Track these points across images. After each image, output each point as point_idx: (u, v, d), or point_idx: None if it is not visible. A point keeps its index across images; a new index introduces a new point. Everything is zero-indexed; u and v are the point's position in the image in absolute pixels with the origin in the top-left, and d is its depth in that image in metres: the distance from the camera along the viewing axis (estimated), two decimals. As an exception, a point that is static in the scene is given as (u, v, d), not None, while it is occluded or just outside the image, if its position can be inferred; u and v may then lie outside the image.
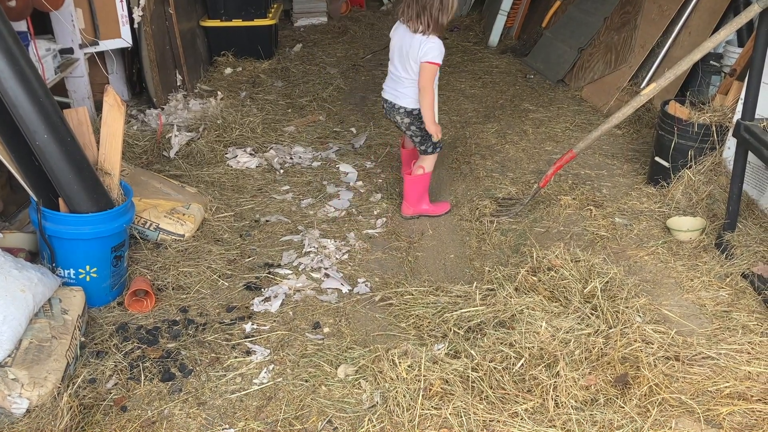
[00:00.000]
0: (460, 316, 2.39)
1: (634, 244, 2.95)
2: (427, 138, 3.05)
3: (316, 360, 2.22)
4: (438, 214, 3.24)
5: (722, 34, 2.65)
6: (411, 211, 3.22)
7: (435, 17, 2.80)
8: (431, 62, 2.83)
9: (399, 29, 2.93)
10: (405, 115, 3.02)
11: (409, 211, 3.22)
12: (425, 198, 3.22)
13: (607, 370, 2.12)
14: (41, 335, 2.08)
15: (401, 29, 2.91)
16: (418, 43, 2.82)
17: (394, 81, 2.99)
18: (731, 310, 2.49)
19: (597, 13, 4.99)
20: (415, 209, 3.21)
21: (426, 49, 2.82)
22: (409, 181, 3.15)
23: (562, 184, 3.42)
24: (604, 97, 4.53)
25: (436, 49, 2.84)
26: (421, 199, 3.21)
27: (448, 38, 6.21)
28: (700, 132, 3.14)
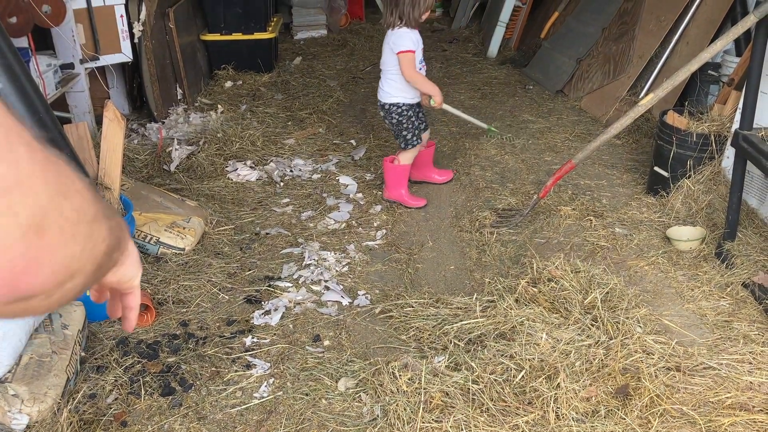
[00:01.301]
0: (461, 328, 2.38)
1: (635, 254, 2.95)
2: (400, 133, 3.33)
3: (317, 373, 2.22)
4: (410, 206, 3.41)
5: (719, 44, 2.66)
6: (387, 194, 3.46)
7: (407, 12, 3.02)
8: (404, 50, 3.07)
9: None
10: (380, 109, 3.33)
11: (386, 195, 3.46)
12: (401, 187, 3.41)
13: (607, 382, 2.12)
14: (41, 351, 2.08)
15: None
16: (390, 36, 3.11)
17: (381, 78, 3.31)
18: (732, 320, 2.49)
19: (595, 23, 5.02)
20: (390, 194, 3.44)
21: (395, 39, 3.08)
22: (385, 167, 3.42)
23: (561, 194, 3.43)
24: (603, 107, 4.54)
25: (405, 37, 3.07)
26: (397, 186, 3.41)
27: (447, 50, 6.24)
28: (698, 142, 3.15)
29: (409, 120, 3.31)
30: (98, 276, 0.60)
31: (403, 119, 3.30)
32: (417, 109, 3.36)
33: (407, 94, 3.27)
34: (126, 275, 0.77)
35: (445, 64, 5.84)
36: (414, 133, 3.34)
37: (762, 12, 2.47)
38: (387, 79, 3.23)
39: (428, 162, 3.63)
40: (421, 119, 3.39)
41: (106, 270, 0.63)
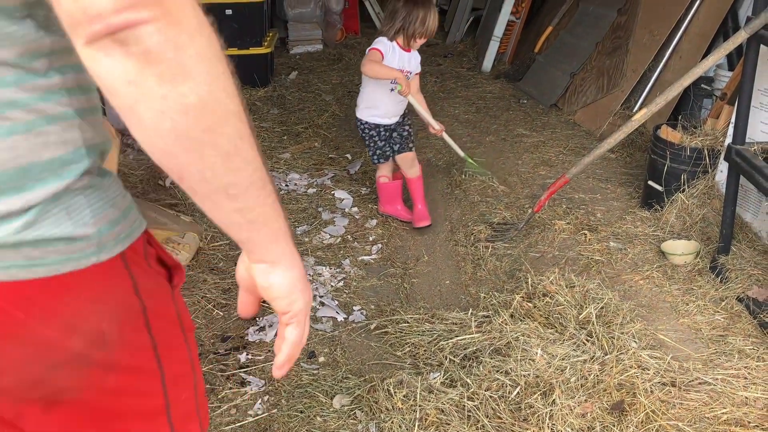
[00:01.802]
0: (456, 344, 2.38)
1: (629, 268, 2.95)
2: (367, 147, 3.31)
3: (311, 390, 2.21)
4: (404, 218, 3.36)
5: (711, 60, 2.68)
6: (381, 209, 3.43)
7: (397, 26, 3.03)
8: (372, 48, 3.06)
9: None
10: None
11: (381, 209, 3.44)
12: (393, 203, 3.37)
13: (603, 397, 2.11)
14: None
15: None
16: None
17: None
18: (727, 335, 2.49)
19: (589, 38, 5.05)
20: (386, 209, 3.41)
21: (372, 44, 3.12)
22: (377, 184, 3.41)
23: (556, 208, 3.43)
24: (597, 121, 4.56)
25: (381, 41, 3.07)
26: (387, 203, 3.39)
27: (442, 64, 6.27)
28: (692, 156, 3.16)
29: (371, 139, 3.25)
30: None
31: (365, 136, 3.27)
32: (386, 132, 3.25)
33: (372, 111, 3.20)
34: (278, 287, 0.77)
35: (440, 79, 5.87)
36: (375, 152, 3.28)
37: (753, 28, 2.50)
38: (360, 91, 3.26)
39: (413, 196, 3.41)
40: (392, 144, 3.26)
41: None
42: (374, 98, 3.16)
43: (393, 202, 3.38)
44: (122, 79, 0.61)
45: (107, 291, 0.75)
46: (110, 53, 0.60)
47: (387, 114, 3.20)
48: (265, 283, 0.78)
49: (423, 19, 2.95)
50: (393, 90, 3.10)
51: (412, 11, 2.94)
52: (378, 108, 3.18)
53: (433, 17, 2.98)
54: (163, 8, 0.60)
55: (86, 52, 0.61)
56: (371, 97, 3.17)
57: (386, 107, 3.18)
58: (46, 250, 0.70)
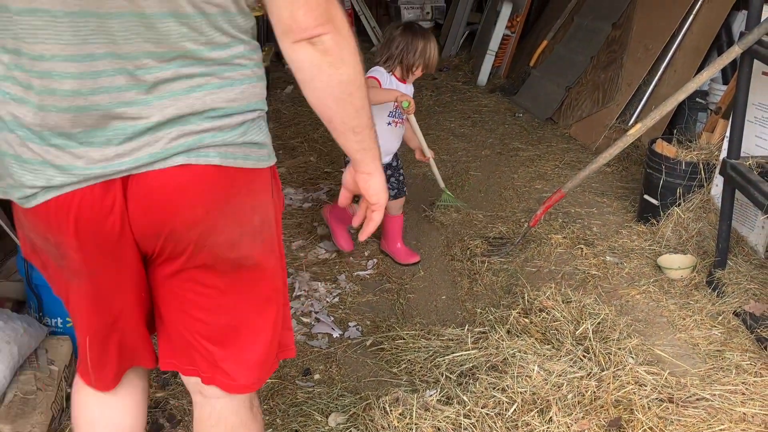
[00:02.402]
0: (452, 361, 2.37)
1: (626, 282, 2.94)
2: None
3: (307, 409, 2.19)
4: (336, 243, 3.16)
5: (705, 75, 2.69)
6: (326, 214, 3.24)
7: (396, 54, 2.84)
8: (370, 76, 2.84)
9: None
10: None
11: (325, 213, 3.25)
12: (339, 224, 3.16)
13: (600, 414, 2.10)
14: (26, 388, 2.05)
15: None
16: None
17: None
18: (724, 350, 2.48)
19: (584, 52, 5.07)
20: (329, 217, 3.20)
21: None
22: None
23: (552, 222, 3.43)
24: (592, 134, 4.57)
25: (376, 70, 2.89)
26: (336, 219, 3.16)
27: (437, 78, 6.29)
28: (687, 170, 3.17)
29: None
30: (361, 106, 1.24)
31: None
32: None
33: None
34: (374, 188, 1.34)
35: (436, 92, 5.88)
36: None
37: (746, 43, 2.50)
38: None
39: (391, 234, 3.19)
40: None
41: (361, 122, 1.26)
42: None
43: (340, 222, 3.13)
44: (309, 63, 1.15)
45: (267, 187, 1.25)
46: (305, 49, 1.14)
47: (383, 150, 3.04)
48: (365, 185, 1.35)
49: (423, 50, 2.80)
50: (390, 124, 2.91)
51: (412, 41, 2.78)
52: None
53: (433, 49, 2.83)
54: (334, 26, 1.13)
55: (291, 46, 1.14)
56: None
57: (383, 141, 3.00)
58: (251, 150, 1.19)
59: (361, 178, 1.34)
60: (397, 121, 2.94)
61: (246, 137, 1.18)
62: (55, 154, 1.10)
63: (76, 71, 1.05)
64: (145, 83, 1.08)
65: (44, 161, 1.10)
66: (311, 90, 1.19)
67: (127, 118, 1.09)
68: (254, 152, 1.20)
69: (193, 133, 1.12)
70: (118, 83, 1.07)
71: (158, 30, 1.07)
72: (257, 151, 1.20)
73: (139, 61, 1.07)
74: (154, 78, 1.08)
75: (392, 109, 2.87)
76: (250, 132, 1.18)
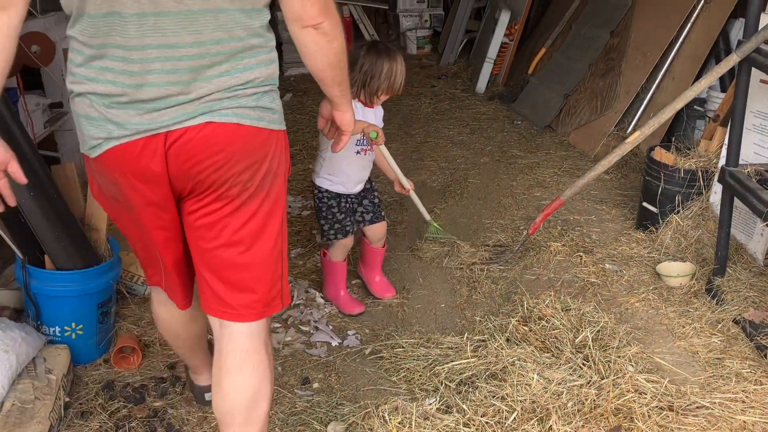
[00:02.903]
0: (452, 369, 2.36)
1: (625, 290, 2.94)
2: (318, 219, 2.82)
3: (305, 417, 2.19)
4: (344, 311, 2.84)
5: (703, 83, 2.69)
6: (326, 292, 2.93)
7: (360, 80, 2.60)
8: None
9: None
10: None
11: (325, 292, 2.93)
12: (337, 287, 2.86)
13: (600, 423, 2.09)
14: (24, 397, 2.04)
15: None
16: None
17: None
18: (724, 357, 2.47)
19: (582, 59, 5.08)
20: (327, 293, 2.91)
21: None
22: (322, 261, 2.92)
23: (551, 230, 3.43)
24: (591, 142, 4.57)
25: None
26: (330, 285, 2.88)
27: (436, 85, 6.30)
28: (686, 177, 3.17)
29: (329, 210, 2.72)
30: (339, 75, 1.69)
31: (322, 206, 2.73)
32: (347, 203, 2.75)
33: (334, 179, 2.70)
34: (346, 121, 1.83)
35: (434, 100, 5.88)
36: (332, 226, 2.74)
37: (744, 52, 2.51)
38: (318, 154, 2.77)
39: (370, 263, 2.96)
40: (362, 215, 2.81)
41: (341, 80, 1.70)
42: (337, 163, 2.65)
43: (338, 285, 2.87)
44: (314, 43, 1.56)
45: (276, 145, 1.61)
46: (311, 32, 1.53)
47: (351, 181, 2.72)
48: (340, 119, 1.83)
49: (388, 73, 2.55)
50: (359, 152, 2.69)
51: (376, 63, 2.54)
52: (341, 174, 2.69)
53: (399, 70, 2.58)
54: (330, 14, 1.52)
55: (300, 30, 1.53)
56: (333, 162, 2.66)
57: (351, 173, 2.71)
58: (264, 113, 1.55)
59: (337, 114, 1.83)
60: (365, 149, 2.70)
61: (258, 103, 1.54)
62: (114, 114, 1.48)
63: (139, 58, 1.43)
64: (187, 69, 1.45)
65: (106, 119, 1.49)
66: (313, 61, 1.61)
67: (171, 95, 1.46)
68: (266, 116, 1.57)
69: (216, 99, 1.50)
70: (167, 68, 1.44)
71: (199, 24, 1.43)
72: (269, 115, 1.57)
73: (184, 50, 1.44)
74: (196, 64, 1.46)
75: (360, 137, 2.65)
76: (262, 100, 1.55)
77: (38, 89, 3.71)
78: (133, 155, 1.51)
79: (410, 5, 7.70)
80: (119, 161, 1.52)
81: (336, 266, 2.85)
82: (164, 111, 1.48)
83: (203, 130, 1.50)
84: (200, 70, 1.46)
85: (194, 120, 1.49)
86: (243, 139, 1.54)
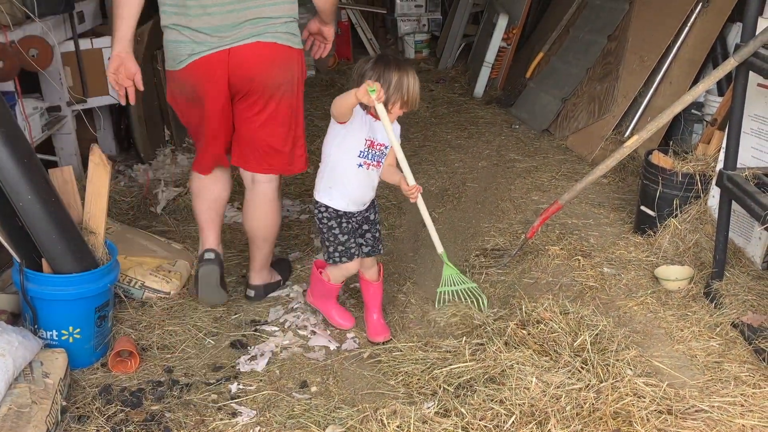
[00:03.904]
0: (450, 372, 2.36)
1: (623, 294, 2.94)
2: (322, 241, 2.64)
3: (303, 421, 2.18)
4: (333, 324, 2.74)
5: (701, 87, 2.70)
6: (310, 300, 2.81)
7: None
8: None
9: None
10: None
11: (309, 299, 2.82)
12: (327, 301, 2.75)
13: (599, 426, 2.09)
14: (20, 401, 2.03)
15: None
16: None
17: None
18: (723, 361, 2.47)
19: (579, 64, 5.09)
20: (314, 301, 2.78)
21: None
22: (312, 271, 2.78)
23: (549, 234, 3.43)
24: (588, 146, 4.58)
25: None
26: (321, 297, 2.75)
27: (434, 90, 6.30)
28: (684, 181, 3.17)
29: (330, 231, 2.55)
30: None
31: (323, 227, 2.57)
32: (349, 223, 2.57)
33: (334, 193, 2.52)
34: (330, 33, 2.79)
35: (432, 104, 5.89)
36: (335, 248, 2.57)
37: (741, 56, 2.52)
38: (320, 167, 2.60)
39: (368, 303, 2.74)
40: (360, 240, 2.63)
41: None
42: (339, 174, 2.50)
43: (328, 300, 2.75)
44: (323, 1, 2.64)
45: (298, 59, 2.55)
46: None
47: (353, 197, 2.54)
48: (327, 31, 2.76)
49: (398, 83, 2.38)
50: (361, 165, 2.49)
51: (384, 74, 2.38)
52: (342, 187, 2.51)
53: (411, 82, 2.41)
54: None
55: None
56: (335, 173, 2.51)
57: (353, 187, 2.52)
58: (289, 37, 2.48)
59: (324, 29, 2.75)
60: (369, 163, 2.50)
61: (286, 29, 2.46)
62: (196, 37, 2.40)
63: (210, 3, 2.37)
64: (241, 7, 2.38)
65: (191, 41, 2.41)
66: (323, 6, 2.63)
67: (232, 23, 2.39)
68: (291, 39, 2.49)
69: (259, 26, 2.41)
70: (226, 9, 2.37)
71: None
72: (293, 38, 2.50)
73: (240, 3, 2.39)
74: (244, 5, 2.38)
75: (363, 148, 2.47)
76: (288, 26, 2.47)
77: (36, 93, 3.71)
78: (207, 65, 2.42)
79: (408, 9, 7.72)
80: (198, 69, 2.43)
81: (331, 287, 2.70)
82: (227, 34, 2.39)
83: (253, 47, 2.42)
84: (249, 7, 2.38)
85: (247, 40, 2.41)
86: (279, 54, 2.46)
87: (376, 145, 2.50)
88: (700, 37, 4.14)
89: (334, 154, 2.52)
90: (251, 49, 2.40)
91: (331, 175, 2.53)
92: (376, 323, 2.68)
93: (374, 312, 2.70)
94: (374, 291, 2.71)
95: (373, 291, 2.71)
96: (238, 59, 2.40)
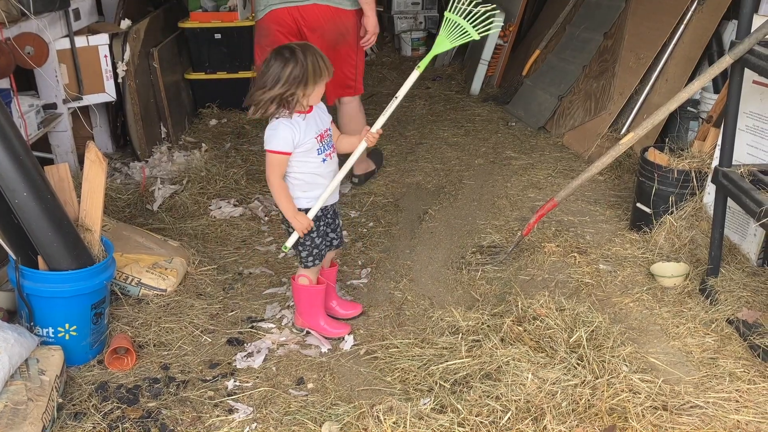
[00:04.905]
0: (446, 369, 2.36)
1: (619, 290, 2.95)
2: (296, 246, 2.53)
3: (300, 417, 2.18)
4: (331, 336, 2.64)
5: (696, 84, 2.70)
6: (300, 322, 2.68)
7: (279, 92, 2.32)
8: (273, 150, 2.39)
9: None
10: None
11: (298, 322, 2.69)
12: (315, 314, 2.65)
13: (594, 422, 2.10)
14: (16, 398, 2.03)
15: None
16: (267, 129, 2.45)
17: None
18: (718, 357, 2.48)
19: (576, 61, 5.09)
20: (305, 321, 2.66)
21: (267, 132, 2.41)
22: (293, 287, 2.66)
23: (545, 231, 3.43)
24: (585, 143, 4.58)
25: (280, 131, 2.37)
26: (310, 312, 2.65)
27: (430, 87, 6.30)
28: (680, 178, 3.18)
29: (307, 235, 2.49)
30: None
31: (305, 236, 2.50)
32: (326, 219, 2.55)
33: (310, 194, 2.47)
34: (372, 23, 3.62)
35: (429, 102, 5.89)
36: (311, 252, 2.53)
37: (737, 53, 2.52)
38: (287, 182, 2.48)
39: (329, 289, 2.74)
40: (332, 234, 2.61)
41: None
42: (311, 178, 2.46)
43: (315, 312, 2.65)
44: None
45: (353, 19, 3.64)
46: None
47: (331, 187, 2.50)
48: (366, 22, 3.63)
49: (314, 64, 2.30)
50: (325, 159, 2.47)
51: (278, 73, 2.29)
52: (319, 187, 2.47)
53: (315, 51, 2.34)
54: None
55: None
56: (306, 180, 2.45)
57: (328, 179, 2.49)
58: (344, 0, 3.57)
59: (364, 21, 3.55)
60: (329, 153, 2.48)
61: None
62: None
63: None
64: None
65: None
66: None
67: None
68: (346, 1, 3.51)
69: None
70: None
71: None
72: (347, 2, 3.51)
73: None
74: None
75: (318, 145, 2.43)
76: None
77: (32, 90, 3.71)
78: (279, 15, 3.51)
79: (405, 7, 7.72)
80: (273, 18, 3.52)
81: (316, 290, 2.63)
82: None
83: (313, 8, 3.48)
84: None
85: (308, 1, 3.46)
86: (335, 14, 3.51)
87: (325, 134, 2.47)
88: (696, 34, 4.14)
89: (298, 167, 2.43)
90: (313, 9, 3.47)
91: (304, 181, 2.45)
92: (344, 301, 2.83)
93: (332, 298, 2.78)
94: (335, 270, 2.80)
95: (335, 271, 2.79)
96: (303, 16, 3.50)
